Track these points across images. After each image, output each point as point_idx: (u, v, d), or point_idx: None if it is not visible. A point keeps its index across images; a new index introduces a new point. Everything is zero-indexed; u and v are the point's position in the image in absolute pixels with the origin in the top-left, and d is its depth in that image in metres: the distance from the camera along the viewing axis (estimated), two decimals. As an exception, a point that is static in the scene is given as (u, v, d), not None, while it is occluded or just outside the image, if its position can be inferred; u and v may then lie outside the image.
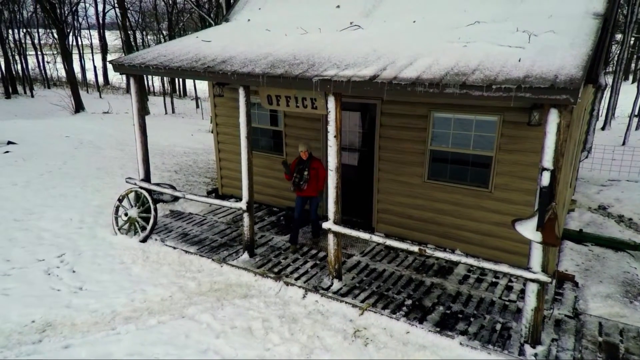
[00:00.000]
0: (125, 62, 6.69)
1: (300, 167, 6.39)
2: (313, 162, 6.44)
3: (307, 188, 6.42)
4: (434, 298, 5.53)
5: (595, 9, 5.60)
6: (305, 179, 6.35)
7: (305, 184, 6.36)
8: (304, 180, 6.35)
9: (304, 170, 6.35)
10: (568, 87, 3.78)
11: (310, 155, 6.46)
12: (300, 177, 6.39)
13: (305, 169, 6.35)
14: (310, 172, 6.36)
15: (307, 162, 6.39)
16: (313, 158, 6.49)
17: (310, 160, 6.41)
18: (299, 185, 6.41)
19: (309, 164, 6.38)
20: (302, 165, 6.39)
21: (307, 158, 6.40)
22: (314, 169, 6.42)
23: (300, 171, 6.39)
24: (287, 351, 4.66)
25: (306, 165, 6.37)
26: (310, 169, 6.38)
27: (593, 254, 7.06)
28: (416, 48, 5.38)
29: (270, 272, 6.17)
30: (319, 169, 6.47)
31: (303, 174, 6.36)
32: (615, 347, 4.63)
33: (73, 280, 6.08)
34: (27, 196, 8.85)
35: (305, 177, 6.35)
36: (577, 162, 8.35)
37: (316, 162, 6.48)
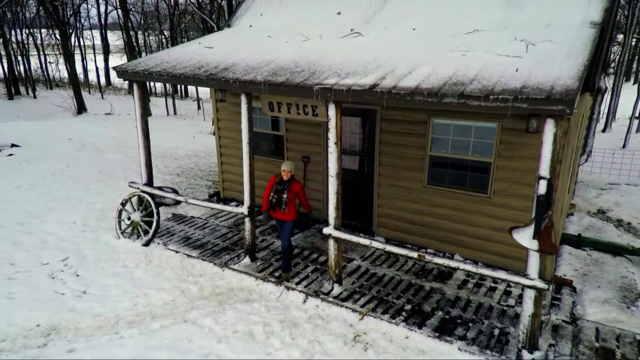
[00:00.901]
0: (129, 68, 6.78)
1: (280, 187, 5.97)
2: (293, 184, 6.00)
3: (286, 210, 5.99)
4: (433, 303, 5.60)
5: (593, 18, 5.67)
6: (285, 200, 5.90)
7: (285, 205, 5.92)
8: (284, 202, 5.91)
9: (283, 192, 5.92)
10: (564, 98, 3.85)
11: (292, 177, 6.03)
12: (278, 199, 5.95)
13: (285, 191, 5.92)
14: (288, 195, 5.93)
15: (288, 183, 5.96)
16: (294, 180, 6.05)
17: (290, 182, 5.98)
18: (276, 207, 5.98)
19: (289, 185, 5.95)
20: (282, 187, 5.96)
21: (289, 179, 5.97)
22: (293, 192, 5.99)
23: (278, 192, 5.95)
24: (288, 355, 4.74)
25: (286, 187, 5.94)
26: (289, 191, 5.95)
27: (591, 258, 7.12)
28: (415, 56, 5.45)
29: (271, 276, 6.24)
30: (299, 192, 6.05)
31: (281, 195, 5.92)
32: (611, 352, 4.69)
33: (77, 284, 6.17)
34: (31, 199, 8.94)
35: (283, 199, 5.90)
36: (576, 167, 8.41)
37: (296, 184, 6.04)
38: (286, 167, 5.98)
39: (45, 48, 42.14)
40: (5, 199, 8.88)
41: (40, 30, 41.27)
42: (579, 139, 7.60)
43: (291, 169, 6.00)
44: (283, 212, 5.97)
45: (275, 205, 5.98)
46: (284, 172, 5.94)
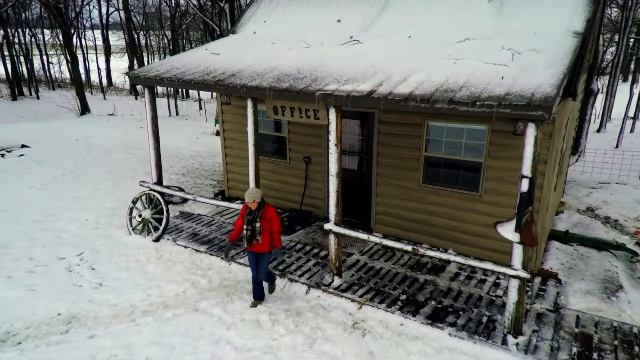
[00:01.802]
0: (141, 74, 7.18)
1: (250, 217, 5.45)
2: (265, 211, 5.51)
3: (261, 241, 5.51)
4: (427, 293, 6.01)
5: (576, 28, 6.07)
6: (258, 230, 5.43)
7: (259, 236, 5.45)
8: (258, 232, 5.43)
9: (255, 222, 5.42)
10: (543, 105, 4.26)
11: (262, 203, 5.51)
12: (252, 229, 5.45)
13: (257, 220, 5.42)
14: (261, 224, 5.44)
15: (257, 211, 5.46)
16: (265, 206, 5.56)
17: (260, 210, 5.47)
18: (253, 237, 5.48)
19: (259, 213, 5.45)
20: (252, 216, 5.44)
21: (257, 207, 5.46)
22: (266, 220, 5.48)
23: (250, 222, 5.44)
24: (292, 341, 5.14)
25: (256, 216, 5.43)
26: (262, 219, 5.45)
27: (578, 253, 7.53)
28: (410, 64, 5.85)
29: (275, 269, 6.64)
30: (272, 218, 5.53)
31: (255, 225, 5.42)
32: (590, 337, 5.10)
33: (93, 277, 6.57)
34: (44, 198, 9.34)
35: (257, 228, 5.42)
36: (564, 167, 8.80)
37: (269, 211, 5.54)
38: (248, 197, 5.40)
39: (48, 49, 42.52)
40: (20, 198, 9.29)
41: (42, 31, 41.65)
42: (567, 141, 8.00)
43: (255, 198, 5.41)
44: (257, 243, 5.49)
45: (250, 239, 5.50)
46: (249, 204, 5.43)
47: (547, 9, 6.45)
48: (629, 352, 4.85)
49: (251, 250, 5.63)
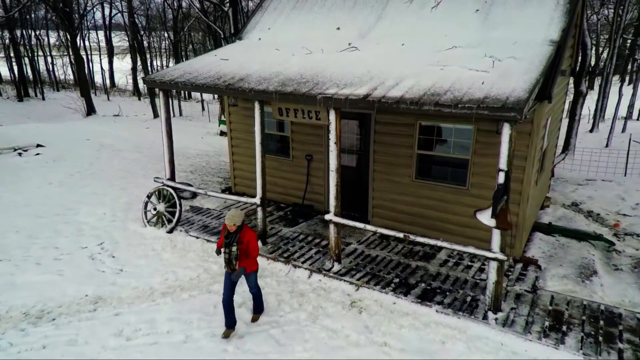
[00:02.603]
0: (157, 78, 7.82)
1: (227, 241, 5.30)
2: (242, 235, 5.33)
3: (238, 266, 5.34)
4: (418, 277, 6.65)
5: (552, 37, 6.71)
6: (235, 255, 5.26)
7: (236, 261, 5.29)
8: (234, 257, 5.27)
9: (232, 245, 5.26)
10: (515, 107, 4.89)
11: (241, 226, 5.34)
12: (229, 253, 5.28)
13: (233, 244, 5.26)
14: (239, 247, 5.29)
15: (235, 235, 5.29)
16: (244, 229, 5.38)
17: (237, 233, 5.30)
18: (230, 262, 5.31)
19: (236, 236, 5.28)
20: (229, 239, 5.29)
21: (236, 230, 5.29)
22: (242, 243, 5.32)
23: (227, 246, 5.29)
24: (297, 317, 5.78)
25: (233, 240, 5.27)
26: (238, 242, 5.29)
27: (559, 243, 8.17)
28: (402, 69, 6.49)
29: (280, 257, 7.28)
30: (249, 242, 5.36)
31: (231, 248, 5.26)
32: (561, 313, 5.73)
33: (114, 264, 7.21)
34: (63, 194, 9.99)
35: (234, 252, 5.26)
36: (548, 164, 9.41)
37: (247, 234, 5.37)
38: (229, 220, 5.23)
39: (51, 50, 43.17)
40: (40, 193, 9.93)
41: (47, 33, 42.32)
42: (550, 140, 8.62)
43: (235, 222, 5.22)
44: (233, 269, 5.33)
45: (227, 262, 5.34)
46: (228, 226, 5.25)
47: (527, 20, 7.09)
48: (594, 326, 5.48)
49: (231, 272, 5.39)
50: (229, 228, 5.29)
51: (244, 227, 5.43)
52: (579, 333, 5.32)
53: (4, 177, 10.81)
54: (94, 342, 5.31)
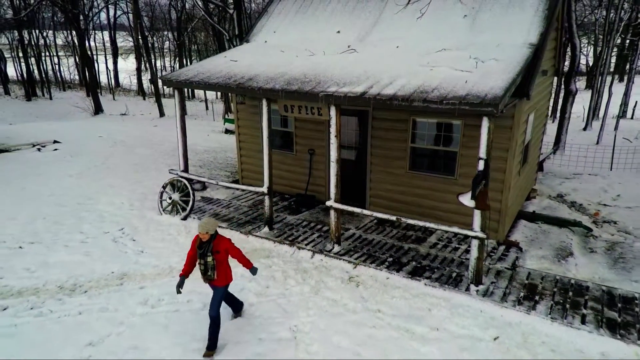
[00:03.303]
0: (173, 78, 8.56)
1: (201, 251, 5.05)
2: (216, 243, 5.10)
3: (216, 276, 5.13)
4: (409, 257, 7.38)
5: (531, 40, 7.43)
6: (211, 265, 5.03)
7: (212, 271, 5.06)
8: (210, 267, 5.04)
9: (206, 256, 5.02)
10: (492, 103, 5.61)
11: (214, 235, 5.10)
12: (204, 263, 5.04)
13: (208, 254, 5.02)
14: (214, 257, 5.05)
15: (208, 244, 5.05)
16: (218, 238, 5.16)
17: (210, 242, 5.06)
18: (206, 272, 5.09)
19: (210, 247, 5.04)
20: (203, 250, 5.04)
21: (209, 239, 5.05)
22: (219, 252, 5.09)
23: (202, 256, 5.04)
24: (301, 290, 6.51)
25: (207, 250, 5.03)
26: (214, 252, 5.05)
27: (541, 229, 8.89)
28: (396, 70, 7.21)
29: (286, 240, 8.02)
30: (228, 250, 5.18)
31: (206, 259, 5.01)
32: (535, 286, 6.46)
33: (135, 246, 7.95)
34: (82, 185, 10.74)
35: (210, 263, 5.03)
36: (533, 157, 10.11)
37: (222, 242, 5.15)
38: (201, 228, 5.00)
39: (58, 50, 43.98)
40: (62, 185, 10.68)
41: (54, 33, 43.13)
42: (533, 135, 9.32)
43: (208, 230, 4.99)
44: (210, 280, 5.14)
45: (203, 273, 5.13)
46: (201, 235, 5.04)
47: (510, 25, 7.80)
48: (563, 296, 6.20)
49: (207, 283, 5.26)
50: (201, 237, 5.03)
51: (218, 236, 5.16)
52: (550, 301, 6.04)
53: (27, 170, 11.57)
54: (123, 309, 6.05)
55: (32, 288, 6.57)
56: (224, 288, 5.31)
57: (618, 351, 5.13)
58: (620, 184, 11.87)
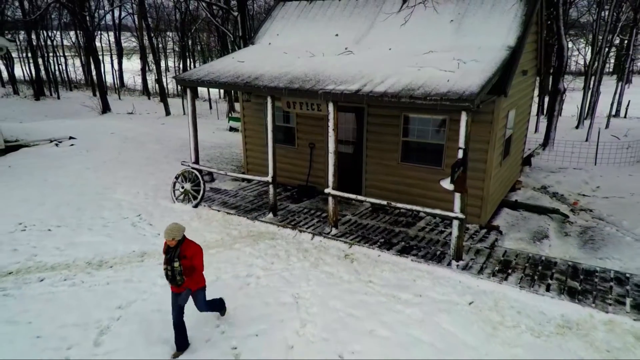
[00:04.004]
0: (186, 77, 9.41)
1: (168, 256, 5.02)
2: (184, 249, 5.06)
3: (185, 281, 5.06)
4: (399, 238, 8.20)
5: (509, 43, 8.24)
6: (178, 271, 4.97)
7: (180, 277, 4.99)
8: (178, 273, 4.97)
9: (173, 262, 4.97)
10: (468, 99, 6.43)
11: (182, 240, 5.06)
12: (171, 269, 4.98)
13: (175, 259, 4.98)
14: (182, 262, 5.01)
15: (175, 250, 5.02)
16: (186, 243, 5.12)
17: (177, 248, 5.02)
18: (173, 278, 5.01)
19: (177, 252, 5.01)
20: (169, 255, 5.01)
21: (176, 245, 5.01)
22: (186, 258, 5.05)
23: (168, 262, 4.99)
24: (302, 265, 7.34)
25: (174, 255, 4.99)
26: (181, 257, 5.02)
27: (522, 216, 9.71)
28: (387, 70, 8.03)
29: (288, 224, 8.84)
30: (194, 256, 5.11)
31: (173, 265, 4.97)
32: (509, 262, 7.27)
33: (152, 229, 8.79)
34: (99, 177, 11.58)
35: (176, 268, 4.97)
36: (516, 151, 10.92)
37: (191, 248, 5.13)
38: (167, 235, 4.94)
39: (64, 51, 44.90)
40: (81, 176, 11.53)
41: (61, 34, 44.05)
42: (515, 130, 10.12)
43: (174, 236, 4.95)
44: (178, 286, 5.05)
45: (171, 279, 5.04)
46: (167, 242, 5.00)
47: (491, 29, 8.62)
48: (533, 269, 7.02)
49: (174, 290, 5.18)
50: (168, 243, 4.99)
51: (186, 241, 5.13)
52: (520, 274, 6.86)
53: (48, 163, 12.42)
54: (146, 281, 6.89)
55: (63, 264, 7.41)
56: (202, 290, 5.37)
57: (575, 313, 5.95)
58: (601, 177, 12.68)
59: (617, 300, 6.14)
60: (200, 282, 5.36)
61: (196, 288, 5.31)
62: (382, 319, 5.83)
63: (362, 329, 5.65)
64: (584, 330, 5.62)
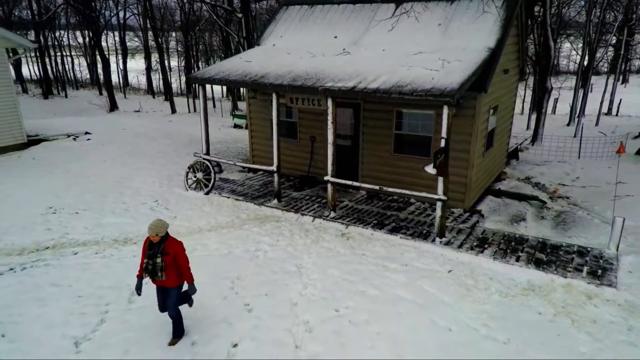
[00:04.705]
0: (198, 76, 10.38)
1: (150, 252, 5.14)
2: (167, 245, 5.20)
3: (165, 277, 5.18)
4: (391, 220, 9.16)
5: (489, 45, 9.19)
6: (160, 266, 5.11)
7: (162, 272, 5.13)
8: (159, 269, 5.12)
9: (156, 257, 5.11)
10: (449, 94, 7.38)
11: (165, 237, 5.20)
12: (152, 264, 5.11)
13: (158, 255, 5.11)
14: (164, 259, 5.13)
15: (158, 246, 5.14)
16: (169, 240, 5.25)
17: (162, 244, 5.16)
18: (154, 273, 5.14)
19: (161, 247, 5.14)
20: (153, 251, 5.13)
21: (159, 241, 5.14)
22: (168, 254, 5.16)
23: (151, 257, 5.13)
24: (304, 242, 8.30)
25: (157, 250, 5.12)
26: (164, 254, 5.14)
27: (504, 202, 10.67)
28: (380, 69, 8.98)
29: (291, 209, 9.81)
30: (177, 254, 5.23)
31: (155, 260, 5.11)
32: (486, 239, 8.23)
33: (169, 213, 9.76)
34: (117, 168, 12.57)
35: (158, 264, 5.10)
36: (500, 143, 11.87)
37: (174, 245, 5.24)
38: (151, 230, 5.08)
39: (71, 50, 45.91)
40: (100, 168, 12.52)
41: (68, 34, 45.06)
42: (498, 124, 11.07)
43: (158, 232, 5.08)
44: (161, 279, 5.17)
45: (151, 274, 5.16)
46: (151, 237, 5.10)
47: (474, 32, 9.56)
48: (507, 245, 7.97)
49: (157, 284, 5.35)
50: (152, 239, 5.10)
51: (169, 238, 5.26)
52: (495, 248, 7.82)
53: (69, 155, 13.41)
54: (167, 254, 7.85)
55: (93, 240, 8.40)
56: (177, 289, 5.39)
57: (539, 278, 6.91)
58: (582, 169, 13.62)
59: (576, 268, 7.10)
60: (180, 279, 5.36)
61: (173, 285, 5.32)
62: (372, 282, 6.80)
63: (355, 290, 6.61)
64: (545, 292, 6.58)
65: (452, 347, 5.43)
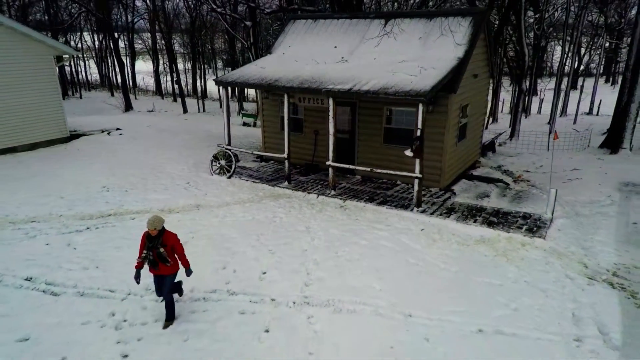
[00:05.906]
0: (222, 79, 12.63)
1: (150, 245, 5.68)
2: (165, 238, 5.76)
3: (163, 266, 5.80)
4: (380, 197, 11.40)
5: (459, 55, 11.42)
6: (163, 256, 5.72)
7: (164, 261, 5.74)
8: (162, 258, 5.71)
9: (157, 248, 5.67)
10: (422, 94, 9.61)
11: (162, 230, 5.73)
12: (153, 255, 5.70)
13: (158, 247, 5.67)
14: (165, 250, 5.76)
15: (157, 239, 5.68)
16: (166, 233, 5.80)
17: (159, 237, 5.70)
18: (155, 263, 5.75)
19: (159, 241, 5.68)
20: (152, 243, 5.67)
21: (157, 235, 5.67)
22: (166, 246, 5.75)
23: (150, 249, 5.66)
24: (311, 212, 10.54)
25: (157, 243, 5.67)
26: (162, 245, 5.70)
27: (474, 184, 12.91)
28: (371, 74, 11.21)
29: (299, 189, 12.05)
30: (174, 245, 5.81)
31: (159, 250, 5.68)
32: (454, 208, 10.47)
33: (200, 191, 11.99)
34: (149, 158, 14.80)
35: (162, 253, 5.71)
36: (472, 136, 14.11)
37: (170, 238, 5.81)
38: (150, 225, 5.58)
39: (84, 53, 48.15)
40: (135, 158, 14.76)
41: (81, 37, 47.33)
42: (470, 120, 13.30)
43: (156, 227, 5.62)
44: (166, 266, 5.81)
45: (154, 263, 5.78)
46: (150, 231, 5.64)
47: (447, 45, 11.80)
48: (468, 212, 10.19)
49: (154, 273, 5.94)
50: (150, 233, 5.62)
51: (166, 232, 5.80)
52: (459, 214, 10.06)
53: (107, 147, 15.67)
54: (205, 219, 10.07)
55: (144, 210, 10.62)
56: (171, 277, 6.02)
57: (489, 234, 9.13)
58: (547, 159, 15.85)
59: (518, 227, 9.34)
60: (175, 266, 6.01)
61: (168, 272, 5.94)
62: (363, 236, 9.04)
63: (350, 241, 8.85)
64: (492, 242, 8.82)
65: (417, 274, 7.66)
